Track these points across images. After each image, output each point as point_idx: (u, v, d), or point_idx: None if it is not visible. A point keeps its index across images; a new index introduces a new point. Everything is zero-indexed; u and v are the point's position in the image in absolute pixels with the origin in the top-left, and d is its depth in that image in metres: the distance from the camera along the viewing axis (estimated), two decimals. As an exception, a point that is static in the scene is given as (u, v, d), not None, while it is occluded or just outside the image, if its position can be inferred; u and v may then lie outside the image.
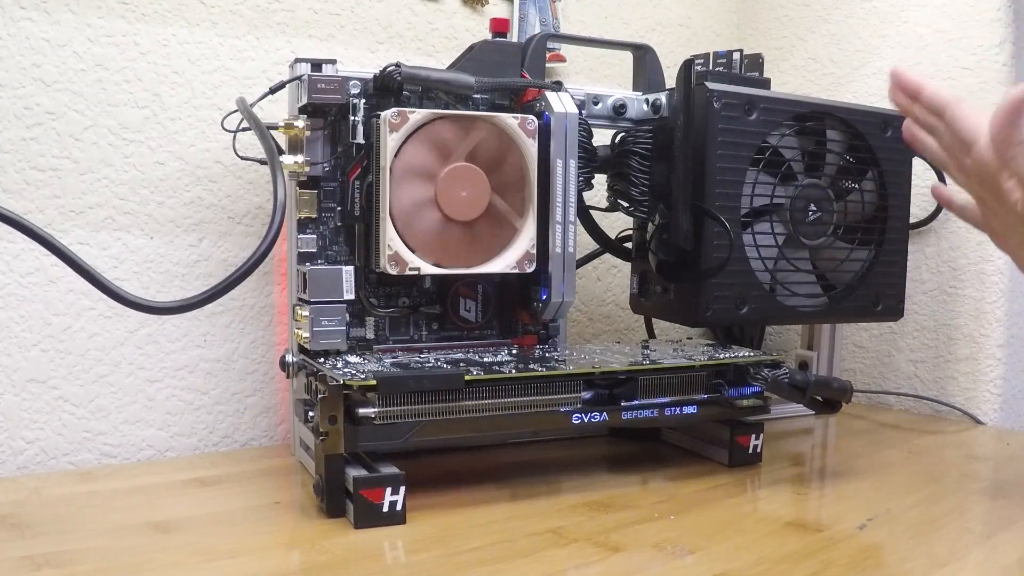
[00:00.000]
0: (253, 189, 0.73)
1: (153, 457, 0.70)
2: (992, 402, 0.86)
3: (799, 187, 0.71)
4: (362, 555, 0.49)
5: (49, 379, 0.66)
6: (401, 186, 0.60)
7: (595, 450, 0.73)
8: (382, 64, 0.62)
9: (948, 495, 0.62)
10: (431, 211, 0.61)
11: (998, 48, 0.85)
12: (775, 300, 0.71)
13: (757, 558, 0.49)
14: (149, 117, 0.69)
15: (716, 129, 0.66)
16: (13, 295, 0.65)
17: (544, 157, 0.63)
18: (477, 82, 0.64)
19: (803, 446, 0.78)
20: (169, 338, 0.70)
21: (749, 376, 0.65)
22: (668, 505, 0.58)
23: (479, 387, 0.56)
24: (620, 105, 0.71)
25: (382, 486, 0.53)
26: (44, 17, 0.65)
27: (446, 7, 0.83)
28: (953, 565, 0.49)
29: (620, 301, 0.96)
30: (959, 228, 0.88)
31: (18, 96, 0.64)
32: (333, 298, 0.60)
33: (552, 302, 0.64)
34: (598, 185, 0.71)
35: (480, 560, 0.48)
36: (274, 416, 0.75)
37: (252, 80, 0.73)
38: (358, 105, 0.61)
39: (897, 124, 0.75)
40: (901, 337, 0.92)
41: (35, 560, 0.47)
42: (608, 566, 0.48)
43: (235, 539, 0.51)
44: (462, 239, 0.62)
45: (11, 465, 0.65)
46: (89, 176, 0.67)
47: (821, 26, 1.00)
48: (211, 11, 0.71)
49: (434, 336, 0.68)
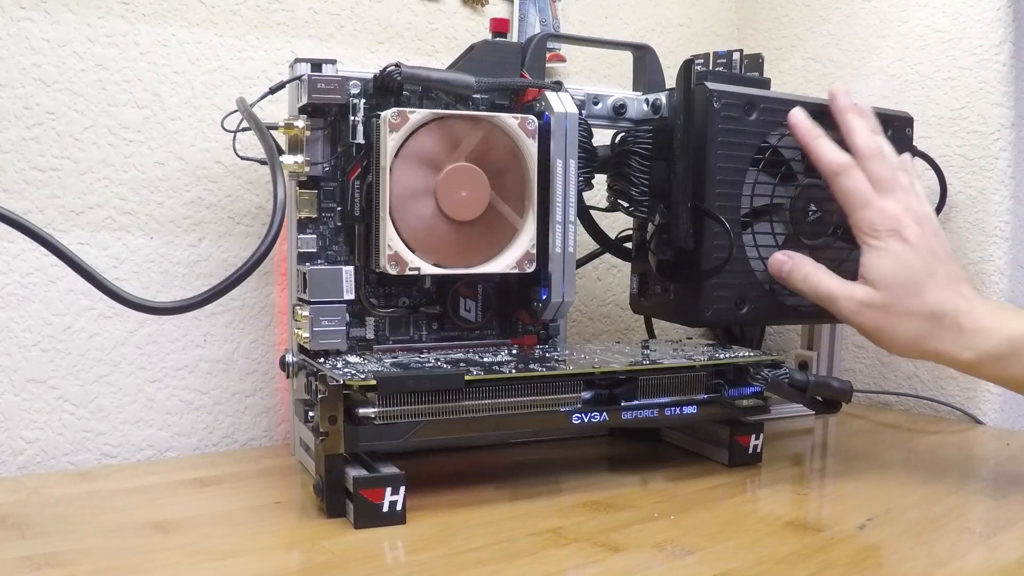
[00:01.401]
0: (253, 189, 0.73)
1: (153, 457, 0.70)
2: (992, 402, 0.86)
3: (799, 187, 0.71)
4: (362, 555, 0.49)
5: (49, 379, 0.66)
6: (401, 186, 0.60)
7: (595, 450, 0.73)
8: (382, 64, 0.62)
9: (948, 495, 0.62)
10: (431, 211, 0.61)
11: (998, 48, 0.85)
12: (775, 300, 0.71)
13: (757, 558, 0.49)
14: (149, 117, 0.69)
15: (716, 129, 0.66)
16: (13, 295, 0.65)
17: (544, 157, 0.63)
18: (477, 82, 0.64)
19: (803, 446, 0.78)
20: (169, 338, 0.70)
21: (749, 376, 0.65)
22: (668, 505, 0.58)
23: (479, 387, 0.56)
24: (620, 105, 0.71)
25: (382, 486, 0.53)
26: (44, 17, 0.65)
27: (446, 7, 0.83)
28: (953, 565, 0.49)
29: (620, 301, 0.96)
30: (959, 228, 0.88)
31: (18, 96, 0.64)
32: (333, 298, 0.60)
33: (552, 302, 0.64)
34: (598, 185, 0.71)
35: (480, 560, 0.48)
36: (274, 416, 0.75)
37: (252, 80, 0.73)
38: (358, 105, 0.61)
39: (897, 124, 0.75)
40: (901, 337, 0.92)
41: (35, 560, 0.47)
42: (608, 566, 0.48)
43: (235, 539, 0.51)
44: (462, 239, 0.62)
45: (11, 465, 0.65)
46: (89, 176, 0.67)
47: (821, 26, 1.00)
48: (211, 11, 0.71)
49: (434, 336, 0.68)
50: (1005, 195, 0.86)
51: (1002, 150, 0.86)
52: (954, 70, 0.88)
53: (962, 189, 0.88)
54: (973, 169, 0.87)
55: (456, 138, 0.61)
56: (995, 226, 0.86)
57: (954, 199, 0.88)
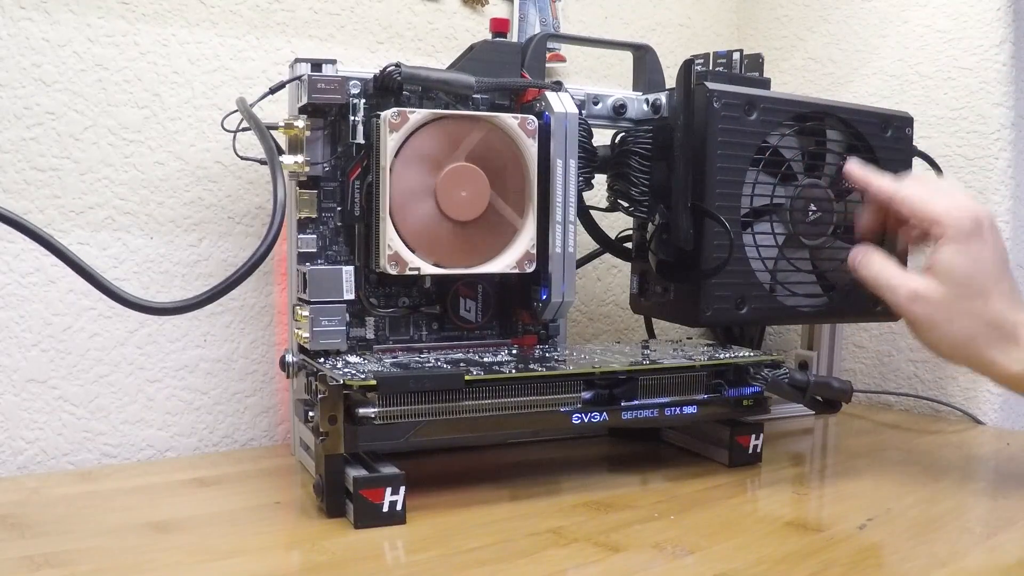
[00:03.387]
0: (253, 189, 0.73)
1: (153, 457, 0.70)
2: (992, 402, 0.86)
3: (799, 187, 0.71)
4: (362, 555, 0.49)
5: (49, 379, 0.66)
6: (401, 186, 0.60)
7: (595, 450, 0.73)
8: (382, 64, 0.62)
9: (948, 495, 0.62)
10: (431, 211, 0.61)
11: (998, 48, 0.85)
12: (775, 300, 0.71)
13: (757, 558, 0.49)
14: (149, 117, 0.69)
15: (716, 129, 0.66)
16: (13, 295, 0.65)
17: (544, 157, 0.63)
18: (477, 82, 0.64)
19: (803, 446, 0.78)
20: (169, 338, 0.70)
21: (749, 376, 0.65)
22: (668, 505, 0.58)
23: (479, 387, 0.56)
24: (620, 105, 0.71)
25: (382, 486, 0.53)
26: (44, 17, 0.65)
27: (446, 7, 0.83)
28: (953, 565, 0.49)
29: (620, 301, 0.96)
30: (959, 228, 0.88)
31: (18, 96, 0.64)
32: (333, 298, 0.60)
33: (552, 302, 0.64)
34: (598, 185, 0.71)
35: (480, 560, 0.48)
36: (274, 416, 0.75)
37: (252, 80, 0.73)
38: (358, 105, 0.61)
39: (897, 124, 0.75)
40: (901, 337, 0.92)
41: (35, 560, 0.47)
42: (608, 566, 0.48)
43: (235, 539, 0.51)
44: (462, 239, 0.62)
45: (11, 465, 0.65)
46: (89, 176, 0.67)
47: (821, 26, 1.00)
48: (211, 11, 0.71)
49: (434, 336, 0.68)
50: (1005, 195, 0.86)
51: (1002, 150, 0.86)
52: (954, 70, 0.88)
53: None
54: (973, 169, 0.87)
55: (456, 138, 0.61)
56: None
57: (954, 199, 0.88)
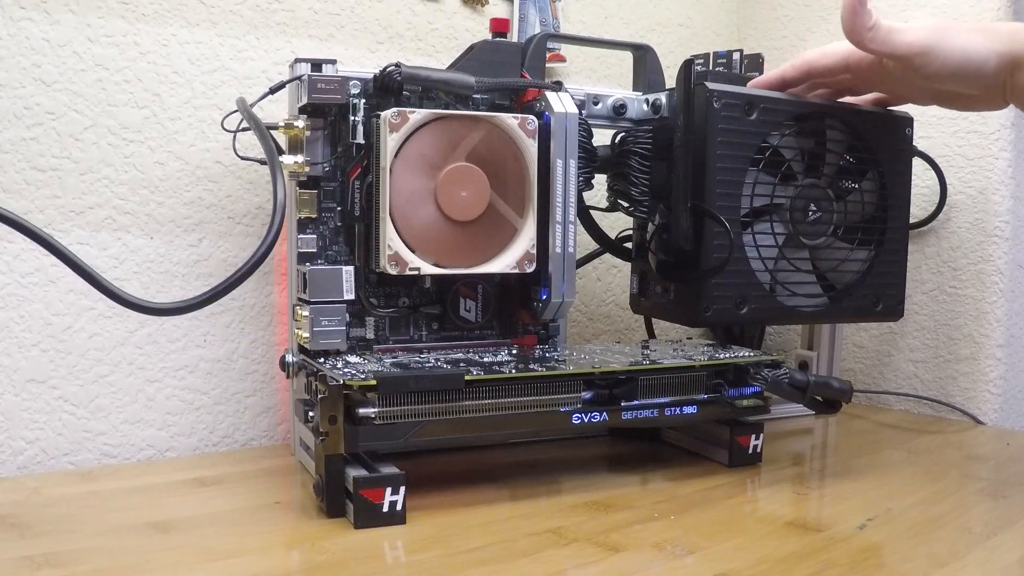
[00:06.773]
0: (253, 189, 0.73)
1: (153, 457, 0.70)
2: (992, 402, 0.86)
3: (799, 187, 0.71)
4: (362, 555, 0.49)
5: (49, 379, 0.66)
6: (401, 186, 0.60)
7: (595, 450, 0.73)
8: (382, 64, 0.62)
9: (948, 495, 0.62)
10: (431, 211, 0.61)
11: (998, 48, 0.85)
12: (775, 300, 0.71)
13: (757, 558, 0.49)
14: (149, 117, 0.69)
15: (716, 129, 0.66)
16: (13, 295, 0.65)
17: (544, 157, 0.63)
18: (477, 82, 0.64)
19: (803, 446, 0.78)
20: (169, 338, 0.70)
21: (749, 376, 0.65)
22: (668, 505, 0.58)
23: (479, 387, 0.56)
24: (620, 105, 0.71)
25: (382, 486, 0.53)
26: (44, 17, 0.65)
27: (446, 7, 0.83)
28: (953, 565, 0.49)
29: (620, 301, 0.96)
30: (959, 228, 0.88)
31: (18, 96, 0.64)
32: (333, 298, 0.60)
33: (552, 302, 0.64)
34: (598, 185, 0.71)
35: (480, 560, 0.48)
36: (274, 416, 0.75)
37: (252, 80, 0.73)
38: (358, 105, 0.61)
39: (897, 124, 0.75)
40: (901, 337, 0.92)
41: (35, 560, 0.47)
42: (608, 566, 0.48)
43: (235, 539, 0.51)
44: (462, 239, 0.62)
45: (11, 465, 0.65)
46: (89, 176, 0.67)
47: (821, 26, 1.00)
48: (211, 11, 0.71)
49: (434, 336, 0.68)
50: (1005, 195, 0.86)
51: (1002, 150, 0.86)
52: (954, 70, 0.88)
53: (962, 189, 0.88)
54: (973, 169, 0.87)
55: (456, 138, 0.61)
56: (995, 226, 0.86)
57: (954, 199, 0.88)
